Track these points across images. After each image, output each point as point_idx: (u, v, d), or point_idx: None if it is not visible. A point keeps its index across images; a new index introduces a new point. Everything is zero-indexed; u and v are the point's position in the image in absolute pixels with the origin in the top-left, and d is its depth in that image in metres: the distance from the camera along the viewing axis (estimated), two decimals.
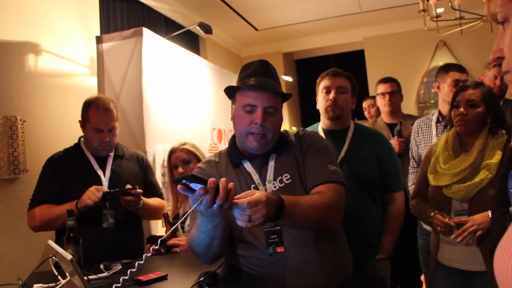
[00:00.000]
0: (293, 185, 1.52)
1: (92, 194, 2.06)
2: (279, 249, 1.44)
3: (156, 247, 1.33)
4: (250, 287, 1.45)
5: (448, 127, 2.56)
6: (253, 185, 1.53)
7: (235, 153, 1.61)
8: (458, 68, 2.68)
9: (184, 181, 1.16)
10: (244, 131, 1.53)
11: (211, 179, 1.16)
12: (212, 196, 1.17)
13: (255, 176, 1.55)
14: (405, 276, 3.08)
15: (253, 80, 1.51)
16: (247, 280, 1.48)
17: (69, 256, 0.94)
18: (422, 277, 3.09)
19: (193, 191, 1.18)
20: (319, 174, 1.51)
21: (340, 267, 1.55)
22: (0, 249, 2.58)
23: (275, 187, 1.52)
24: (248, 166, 1.57)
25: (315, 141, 1.62)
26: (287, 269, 1.43)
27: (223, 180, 1.18)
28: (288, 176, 1.53)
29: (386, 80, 3.22)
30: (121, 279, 1.25)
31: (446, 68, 2.70)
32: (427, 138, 2.69)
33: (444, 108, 2.69)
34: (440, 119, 2.68)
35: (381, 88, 3.19)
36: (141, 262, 1.33)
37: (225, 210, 1.22)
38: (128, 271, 1.35)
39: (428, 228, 2.54)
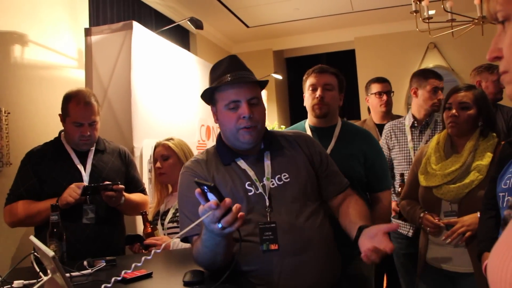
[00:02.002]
0: (292, 184, 1.54)
1: (73, 192, 2.01)
2: (273, 247, 1.43)
3: (159, 250, 1.29)
4: (240, 285, 1.43)
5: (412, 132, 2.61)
6: (247, 182, 1.52)
7: (225, 152, 1.59)
8: (437, 75, 2.70)
9: (205, 187, 1.18)
10: (234, 128, 1.51)
11: (227, 199, 1.18)
12: (220, 214, 1.18)
13: (251, 173, 1.54)
14: (391, 278, 3.07)
15: (229, 76, 1.50)
16: (237, 278, 1.45)
17: (51, 253, 0.90)
18: None
19: (206, 200, 1.19)
20: (340, 182, 1.67)
21: (331, 268, 1.54)
22: None
23: (273, 184, 1.52)
24: (242, 163, 1.56)
25: (322, 148, 1.72)
26: (280, 268, 1.42)
27: (237, 205, 1.20)
28: (287, 175, 1.54)
29: (382, 80, 3.17)
30: (113, 279, 1.21)
31: (425, 75, 2.71)
32: (402, 142, 2.69)
33: (420, 113, 2.69)
34: (416, 124, 2.68)
35: (377, 87, 3.13)
36: (139, 264, 1.28)
37: (226, 233, 1.23)
38: (123, 272, 1.31)
39: (404, 231, 2.57)
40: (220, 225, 1.18)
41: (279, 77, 6.47)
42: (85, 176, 2.17)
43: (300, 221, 1.49)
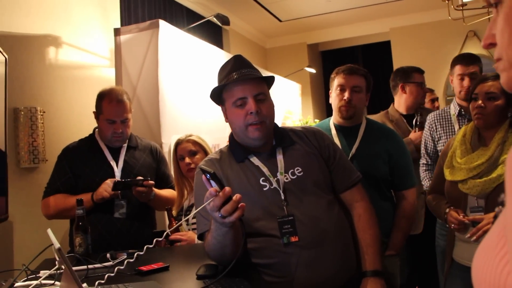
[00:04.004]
0: (306, 177, 1.55)
1: (108, 187, 2.10)
2: (293, 239, 1.45)
3: (160, 239, 1.35)
4: (253, 279, 1.45)
5: (459, 122, 2.46)
6: (262, 178, 1.54)
7: (238, 150, 1.62)
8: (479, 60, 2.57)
9: (208, 175, 1.22)
10: (243, 125, 1.54)
11: (227, 188, 1.21)
12: (219, 203, 1.21)
13: (264, 169, 1.56)
14: (422, 276, 2.98)
15: (235, 75, 1.54)
16: (251, 272, 1.47)
17: (57, 245, 0.95)
18: None
19: (211, 187, 1.24)
20: (348, 177, 1.66)
21: (347, 262, 1.54)
22: (21, 236, 2.66)
23: (286, 179, 1.54)
24: (255, 160, 1.59)
25: (332, 141, 1.73)
26: (297, 260, 1.43)
27: (238, 195, 1.23)
28: (300, 169, 1.56)
29: (423, 71, 3.06)
30: (115, 269, 1.26)
31: (471, 59, 2.61)
32: (449, 132, 2.57)
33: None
34: (463, 112, 2.57)
35: (420, 78, 2.99)
36: (141, 253, 1.35)
37: (227, 223, 1.25)
38: (125, 261, 1.37)
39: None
40: (220, 214, 1.22)
41: (313, 70, 6.41)
42: (117, 172, 2.25)
43: (317, 212, 1.51)
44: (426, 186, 2.60)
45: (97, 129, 2.36)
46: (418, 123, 2.83)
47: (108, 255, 1.72)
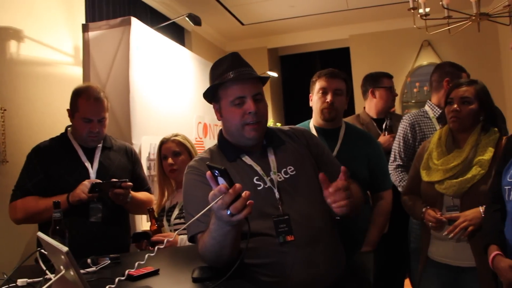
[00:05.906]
0: (298, 176, 1.57)
1: (86, 188, 2.00)
2: (289, 238, 1.45)
3: (162, 246, 1.29)
4: (251, 279, 1.42)
5: (440, 124, 2.54)
6: (255, 177, 1.54)
7: (229, 149, 1.61)
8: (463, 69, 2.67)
9: (216, 171, 1.17)
10: (240, 124, 1.53)
11: (237, 184, 1.16)
12: (229, 200, 1.17)
13: (258, 168, 1.56)
14: (390, 274, 3.04)
15: (232, 73, 1.52)
16: (247, 273, 1.45)
17: (65, 248, 0.88)
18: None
19: (217, 185, 1.19)
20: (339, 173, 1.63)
21: (339, 258, 1.57)
22: None
23: (280, 178, 1.55)
24: (247, 159, 1.58)
25: (319, 140, 1.77)
26: (293, 259, 1.43)
27: (247, 192, 1.19)
28: (292, 168, 1.58)
29: (391, 76, 3.13)
30: (116, 279, 1.19)
31: (459, 67, 2.68)
32: (432, 134, 2.55)
33: None
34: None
35: (388, 83, 3.06)
36: (142, 262, 1.28)
37: (235, 221, 1.21)
38: (136, 263, 1.30)
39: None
40: (229, 212, 1.18)
41: (275, 74, 6.45)
42: (92, 173, 2.15)
43: (310, 210, 1.52)
44: (402, 186, 2.58)
45: (69, 128, 2.24)
46: (387, 127, 2.92)
47: (89, 260, 1.64)
